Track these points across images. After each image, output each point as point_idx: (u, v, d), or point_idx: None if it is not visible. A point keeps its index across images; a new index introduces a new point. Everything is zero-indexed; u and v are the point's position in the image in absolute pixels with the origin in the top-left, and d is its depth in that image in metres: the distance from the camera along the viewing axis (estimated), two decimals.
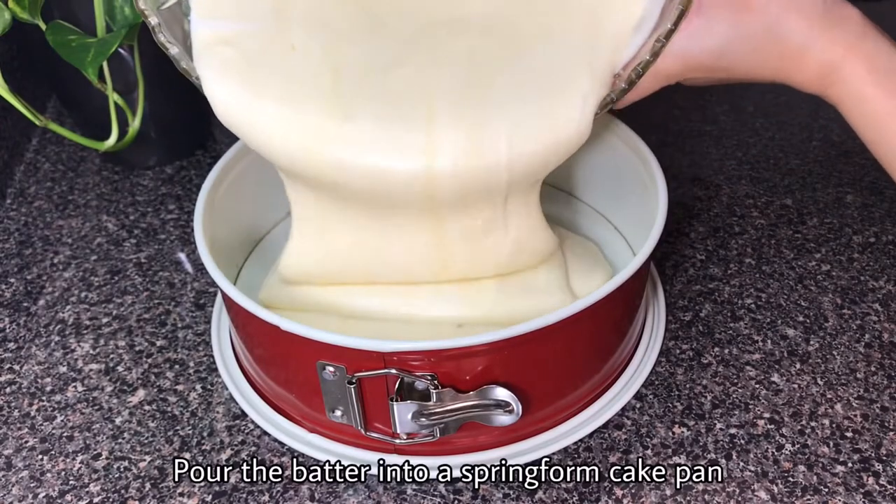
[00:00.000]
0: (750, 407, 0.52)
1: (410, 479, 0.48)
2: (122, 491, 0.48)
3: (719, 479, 0.48)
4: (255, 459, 0.50)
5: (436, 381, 0.44)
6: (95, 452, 0.51)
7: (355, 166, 0.45)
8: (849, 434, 0.50)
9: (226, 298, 0.49)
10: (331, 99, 0.45)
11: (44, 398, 0.54)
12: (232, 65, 0.45)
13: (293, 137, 0.45)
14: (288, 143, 0.45)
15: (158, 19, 0.45)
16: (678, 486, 0.47)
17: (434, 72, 0.45)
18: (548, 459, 0.49)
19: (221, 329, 0.57)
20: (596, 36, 0.45)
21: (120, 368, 0.56)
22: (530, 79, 0.45)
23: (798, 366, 0.54)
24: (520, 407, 0.45)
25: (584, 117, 0.45)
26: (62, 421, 0.53)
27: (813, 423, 0.50)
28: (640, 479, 0.48)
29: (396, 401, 0.45)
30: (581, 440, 0.50)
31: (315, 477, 0.48)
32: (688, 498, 0.47)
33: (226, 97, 0.45)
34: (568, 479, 0.48)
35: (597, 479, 0.48)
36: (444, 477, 0.48)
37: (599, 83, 0.45)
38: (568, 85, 0.45)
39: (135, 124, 0.61)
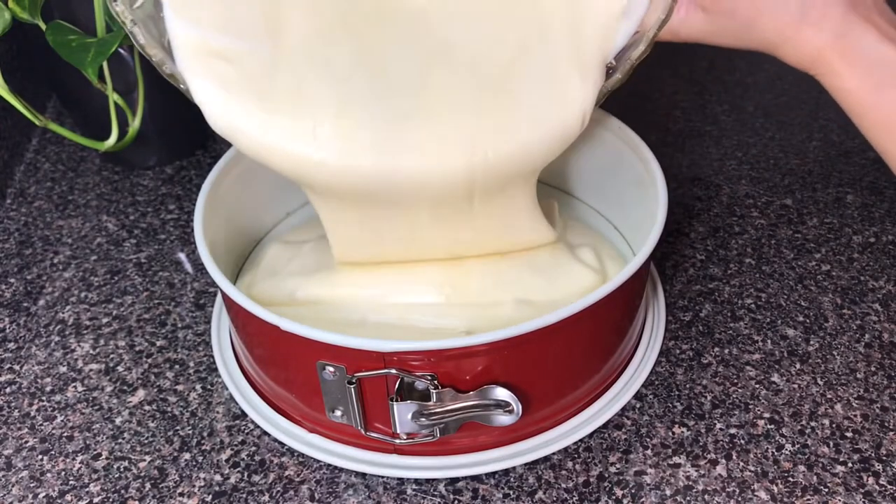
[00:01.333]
0: (750, 407, 0.52)
1: (410, 479, 0.48)
2: (122, 491, 0.48)
3: (719, 479, 0.48)
4: (255, 459, 0.50)
5: (436, 381, 0.44)
6: (95, 452, 0.51)
7: (396, 172, 0.46)
8: (849, 434, 0.50)
9: (226, 298, 0.49)
10: (349, 118, 0.46)
11: (44, 398, 0.54)
12: (233, 84, 0.45)
13: (314, 156, 0.46)
14: (311, 162, 0.46)
15: (135, 20, 0.44)
16: (678, 486, 0.47)
17: (438, 93, 0.46)
18: (548, 459, 0.49)
19: (221, 329, 0.57)
20: (580, 33, 0.46)
21: (120, 368, 0.56)
22: (528, 87, 0.47)
23: (798, 366, 0.54)
24: (520, 407, 0.45)
25: (582, 113, 0.47)
26: (62, 421, 0.53)
27: (813, 423, 0.50)
28: (640, 479, 0.48)
29: (396, 401, 0.45)
30: (581, 440, 0.50)
31: (315, 477, 0.49)
32: (688, 498, 0.47)
33: (228, 114, 0.46)
34: (568, 479, 0.48)
35: (597, 479, 0.48)
36: (444, 477, 0.48)
37: (591, 80, 0.47)
38: (563, 86, 0.47)
39: (135, 124, 0.61)
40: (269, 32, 0.45)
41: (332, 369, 0.45)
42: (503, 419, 0.45)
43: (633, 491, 0.47)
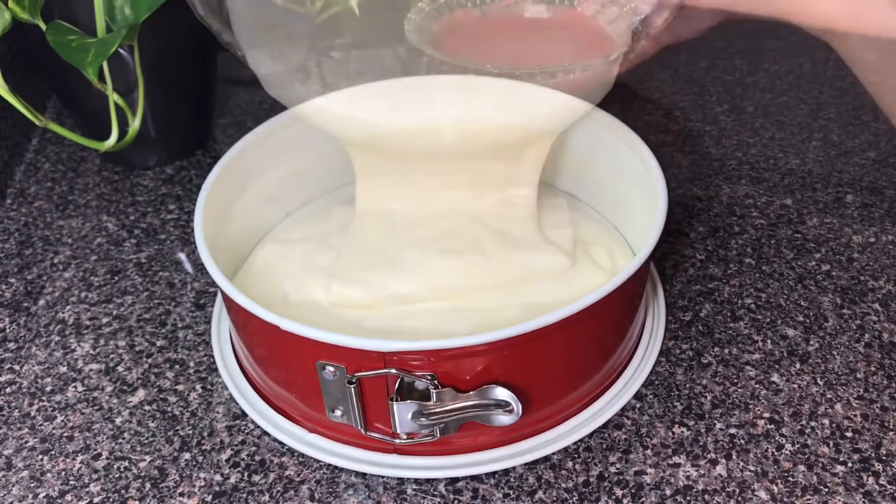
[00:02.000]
0: (750, 407, 0.52)
1: (410, 479, 0.48)
2: (122, 491, 0.48)
3: (719, 478, 0.48)
4: (255, 459, 0.50)
5: (436, 381, 0.44)
6: (95, 452, 0.51)
7: (433, 131, 0.51)
8: (849, 434, 0.50)
9: (226, 298, 0.49)
10: (392, 93, 0.51)
11: (44, 398, 0.54)
12: (288, 54, 0.49)
13: (359, 119, 0.51)
14: (358, 124, 0.51)
15: None
16: (678, 486, 0.47)
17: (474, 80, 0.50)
18: (548, 459, 0.49)
19: (221, 329, 0.57)
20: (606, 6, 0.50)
21: (120, 368, 0.56)
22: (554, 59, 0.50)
23: (798, 366, 0.54)
24: (520, 407, 0.45)
25: (607, 76, 0.50)
26: (62, 421, 0.53)
27: (813, 423, 0.50)
28: (640, 478, 0.48)
29: (396, 401, 0.45)
30: (581, 440, 0.50)
31: (315, 477, 0.49)
32: (688, 498, 0.47)
33: (282, 82, 0.50)
34: (568, 478, 0.48)
35: (597, 478, 0.48)
36: (444, 477, 0.48)
37: (617, 45, 0.49)
38: (586, 52, 0.50)
39: (135, 124, 0.61)
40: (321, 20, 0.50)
41: (332, 369, 0.45)
42: (503, 419, 0.45)
43: (633, 491, 0.47)
